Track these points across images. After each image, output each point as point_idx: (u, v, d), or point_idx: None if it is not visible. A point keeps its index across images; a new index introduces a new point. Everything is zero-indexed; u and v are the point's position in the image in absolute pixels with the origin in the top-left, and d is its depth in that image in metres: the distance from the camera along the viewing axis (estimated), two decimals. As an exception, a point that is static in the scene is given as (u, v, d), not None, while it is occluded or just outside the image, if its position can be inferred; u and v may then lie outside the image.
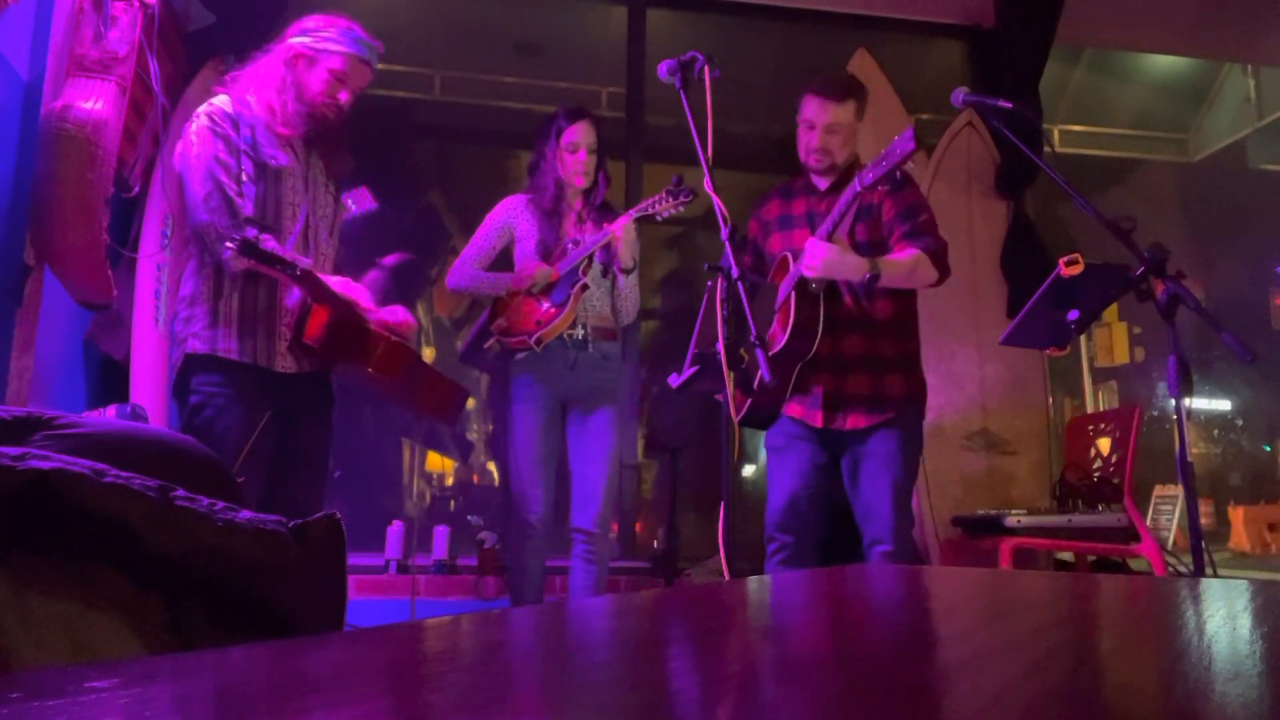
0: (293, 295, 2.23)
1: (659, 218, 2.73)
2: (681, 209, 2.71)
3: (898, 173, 2.15)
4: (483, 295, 2.87)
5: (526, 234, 2.84)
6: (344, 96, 2.28)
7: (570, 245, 2.77)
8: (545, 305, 2.73)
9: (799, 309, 2.35)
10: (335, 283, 2.22)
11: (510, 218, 2.89)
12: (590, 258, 2.73)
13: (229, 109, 2.21)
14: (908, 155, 2.07)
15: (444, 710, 0.38)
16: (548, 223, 2.81)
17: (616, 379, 2.84)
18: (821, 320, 2.36)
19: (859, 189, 2.21)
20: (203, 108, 2.23)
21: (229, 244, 2.02)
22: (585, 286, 2.72)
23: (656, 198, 2.71)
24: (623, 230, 2.68)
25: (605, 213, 2.84)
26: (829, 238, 2.28)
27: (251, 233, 2.06)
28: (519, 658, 0.56)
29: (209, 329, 2.17)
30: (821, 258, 2.24)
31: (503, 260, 2.93)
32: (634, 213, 2.71)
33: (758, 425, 2.60)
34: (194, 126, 2.19)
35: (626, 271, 2.78)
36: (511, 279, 2.79)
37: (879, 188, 2.22)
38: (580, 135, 2.79)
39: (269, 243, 2.08)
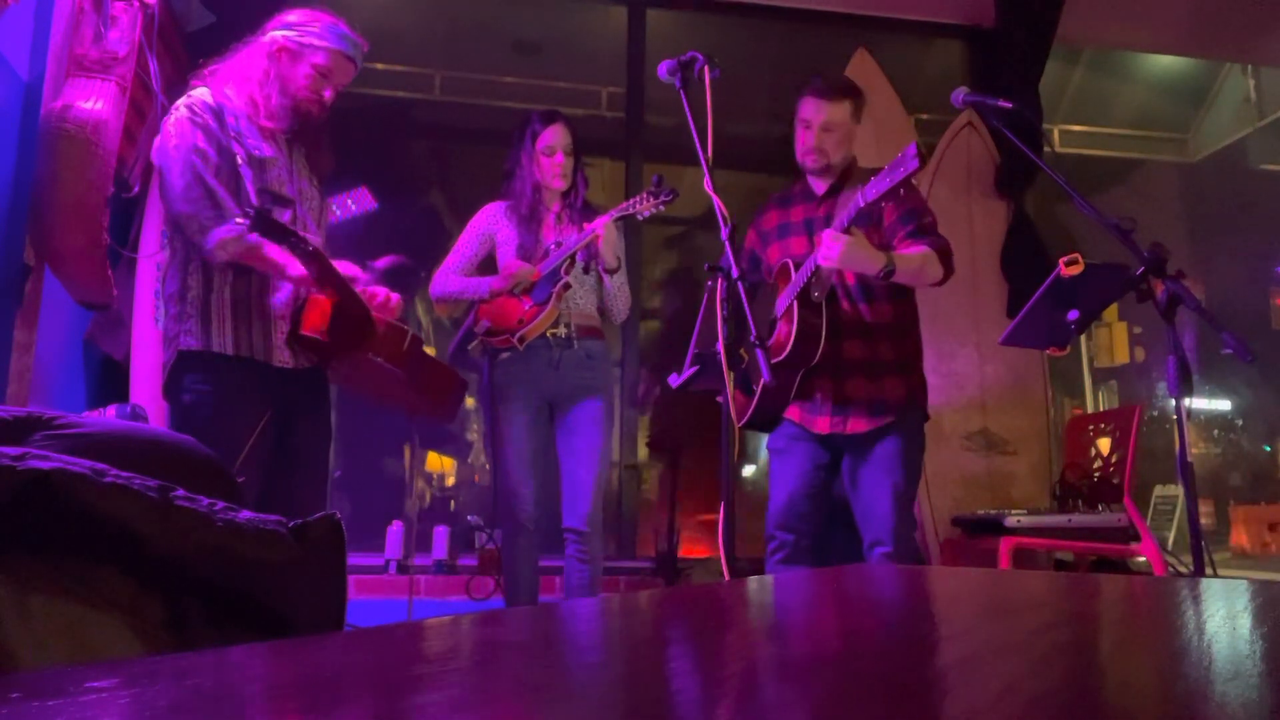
0: (286, 286, 2.16)
1: (640, 217, 2.74)
2: (663, 208, 2.71)
3: (901, 190, 2.14)
4: (465, 300, 2.87)
5: (507, 239, 2.84)
6: (328, 93, 2.23)
7: (552, 247, 2.78)
8: (527, 304, 2.73)
9: (802, 317, 2.35)
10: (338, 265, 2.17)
11: (490, 225, 2.89)
12: (572, 258, 2.73)
13: (210, 99, 2.14)
14: (911, 174, 2.07)
15: (443, 710, 0.38)
16: (526, 227, 2.81)
17: (603, 377, 2.84)
18: (824, 328, 2.36)
19: (861, 205, 2.19)
20: (181, 100, 2.15)
21: (239, 219, 1.96)
22: (568, 285, 2.72)
23: (637, 198, 2.72)
24: (604, 230, 2.68)
25: (586, 213, 2.85)
26: (846, 230, 2.25)
27: (263, 204, 2.02)
28: (518, 658, 0.56)
29: (202, 325, 2.10)
30: (839, 250, 2.22)
31: (486, 268, 2.93)
32: (615, 213, 2.72)
33: (761, 429, 2.61)
34: (172, 119, 2.12)
35: (611, 271, 2.78)
36: (494, 281, 2.80)
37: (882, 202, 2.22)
38: (556, 138, 2.80)
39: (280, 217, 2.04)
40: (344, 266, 2.20)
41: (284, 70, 2.20)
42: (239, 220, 1.97)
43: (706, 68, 2.09)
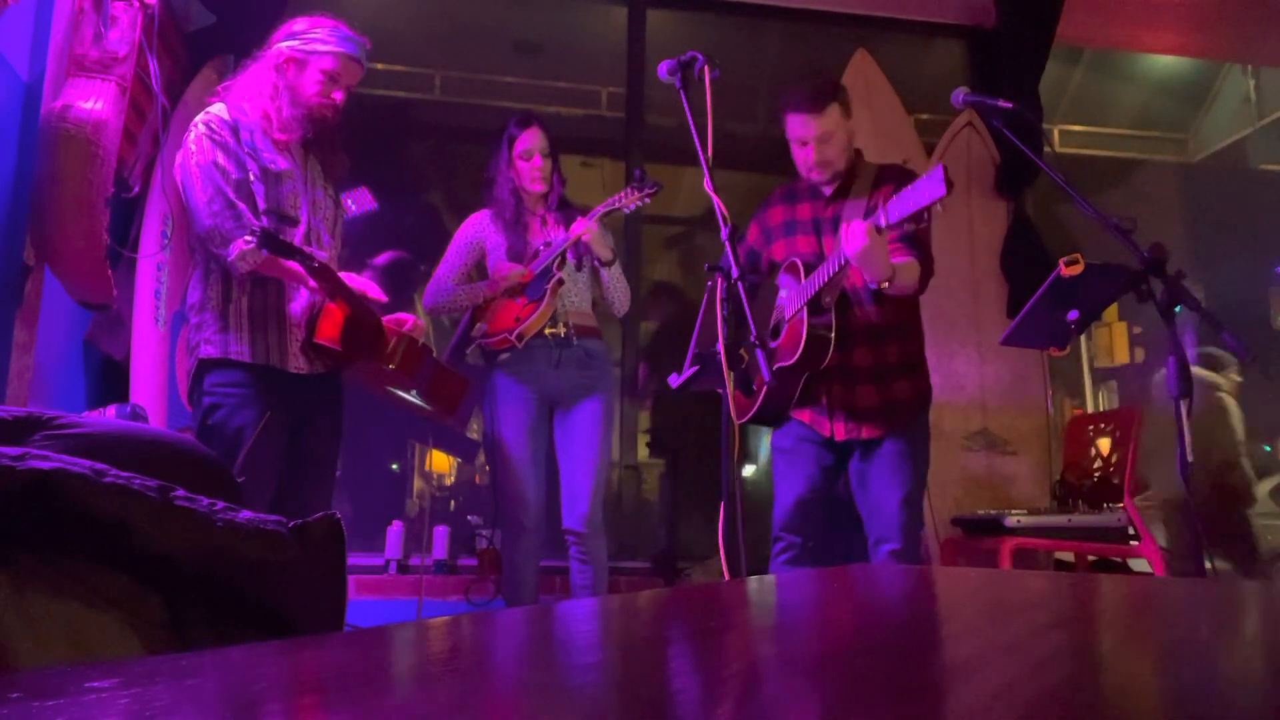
0: (301, 295, 2.22)
1: (626, 211, 2.76)
2: (648, 200, 2.73)
3: (925, 214, 2.03)
4: (460, 309, 2.88)
5: (496, 246, 2.85)
6: (338, 96, 2.28)
7: (542, 247, 2.79)
8: (522, 302, 2.74)
9: (812, 324, 2.32)
10: (346, 278, 2.23)
11: (478, 233, 2.90)
12: (563, 255, 2.74)
13: (226, 116, 2.21)
14: (936, 200, 1.98)
15: (443, 710, 0.38)
16: (513, 232, 2.82)
17: (603, 376, 2.84)
18: (834, 335, 2.34)
19: (882, 225, 2.12)
20: (199, 117, 2.21)
21: (248, 236, 2.02)
22: (561, 281, 2.73)
23: (622, 193, 2.73)
24: (588, 232, 2.69)
25: (569, 212, 2.85)
26: (877, 229, 2.15)
27: (269, 224, 2.07)
28: (517, 658, 0.56)
29: (220, 333, 2.17)
30: (862, 245, 2.14)
31: (476, 277, 2.94)
32: (600, 210, 2.73)
33: (765, 424, 2.60)
34: (192, 135, 2.19)
35: (607, 264, 2.79)
36: (486, 285, 2.80)
37: (904, 224, 2.09)
38: (533, 141, 2.81)
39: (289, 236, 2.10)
40: (357, 282, 2.28)
41: (292, 80, 2.25)
42: (246, 239, 2.04)
43: (706, 68, 2.09)
